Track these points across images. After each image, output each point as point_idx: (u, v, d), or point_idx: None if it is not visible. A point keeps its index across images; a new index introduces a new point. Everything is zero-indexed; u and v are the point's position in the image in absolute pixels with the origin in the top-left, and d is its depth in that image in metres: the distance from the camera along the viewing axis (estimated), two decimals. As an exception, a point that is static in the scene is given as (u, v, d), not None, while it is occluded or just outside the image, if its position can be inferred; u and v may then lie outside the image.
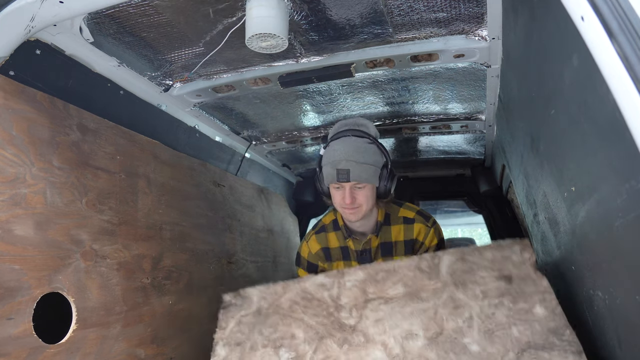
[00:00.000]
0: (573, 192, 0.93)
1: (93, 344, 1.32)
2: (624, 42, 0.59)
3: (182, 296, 1.77)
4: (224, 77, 1.69)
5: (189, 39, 1.41)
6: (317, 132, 2.37)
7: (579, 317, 1.15)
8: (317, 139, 2.43)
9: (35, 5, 1.08)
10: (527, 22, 0.99)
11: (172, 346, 1.67)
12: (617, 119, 0.59)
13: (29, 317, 1.14)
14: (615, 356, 0.92)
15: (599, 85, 0.62)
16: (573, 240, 1.07)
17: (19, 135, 1.19)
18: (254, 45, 1.25)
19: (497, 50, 1.40)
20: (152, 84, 1.68)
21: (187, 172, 1.94)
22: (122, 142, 1.56)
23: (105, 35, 1.36)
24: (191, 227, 1.90)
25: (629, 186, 0.63)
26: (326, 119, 2.21)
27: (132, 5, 1.22)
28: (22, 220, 1.16)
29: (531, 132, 1.26)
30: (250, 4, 1.20)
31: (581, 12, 0.64)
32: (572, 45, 0.70)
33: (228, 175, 2.33)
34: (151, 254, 1.62)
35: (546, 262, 1.76)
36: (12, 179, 1.15)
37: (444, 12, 1.29)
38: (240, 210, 2.39)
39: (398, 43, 1.46)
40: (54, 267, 1.23)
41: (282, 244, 2.88)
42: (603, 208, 0.77)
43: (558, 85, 0.84)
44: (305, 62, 1.57)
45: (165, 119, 1.87)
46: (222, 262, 2.12)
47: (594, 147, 0.74)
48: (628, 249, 0.71)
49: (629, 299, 0.77)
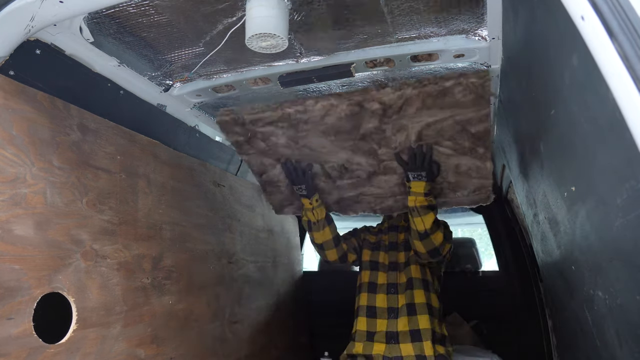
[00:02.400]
0: (573, 192, 0.93)
1: (93, 344, 1.32)
2: (624, 42, 0.59)
3: (182, 296, 1.77)
4: (224, 77, 1.69)
5: (189, 39, 1.41)
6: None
7: (579, 317, 1.15)
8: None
9: (35, 5, 1.08)
10: (527, 22, 0.99)
11: (172, 346, 1.67)
12: (617, 119, 0.59)
13: (29, 317, 1.14)
14: (615, 356, 0.92)
15: (599, 85, 0.62)
16: (573, 240, 1.07)
17: (19, 135, 1.19)
18: (254, 45, 1.25)
19: (497, 50, 1.40)
20: (152, 84, 1.68)
21: (187, 172, 1.94)
22: (122, 142, 1.56)
23: (105, 35, 1.36)
24: (191, 227, 1.90)
25: (629, 186, 0.63)
26: (326, 119, 2.20)
27: (132, 5, 1.22)
28: (22, 220, 1.16)
29: (531, 132, 1.26)
30: (250, 4, 1.20)
31: (581, 11, 0.64)
32: (572, 45, 0.70)
33: (228, 175, 2.33)
34: (151, 254, 1.62)
35: (546, 262, 1.76)
36: (12, 178, 1.15)
37: (444, 12, 1.29)
38: (240, 210, 2.39)
39: (398, 43, 1.46)
40: (54, 267, 1.23)
41: (282, 244, 2.88)
42: (603, 208, 0.77)
43: (558, 85, 0.84)
44: (305, 62, 1.57)
45: (165, 119, 1.87)
46: (222, 262, 2.12)
47: (594, 147, 0.74)
48: (628, 249, 0.71)
49: (629, 299, 0.77)
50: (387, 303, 1.97)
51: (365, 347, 1.92)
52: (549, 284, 1.90)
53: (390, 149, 1.74)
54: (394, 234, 2.17)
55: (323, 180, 1.99)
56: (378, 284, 2.03)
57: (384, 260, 2.08)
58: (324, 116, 1.63)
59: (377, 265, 2.08)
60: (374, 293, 2.02)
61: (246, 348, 2.22)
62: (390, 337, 1.90)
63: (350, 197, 2.05)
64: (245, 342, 2.23)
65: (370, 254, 2.12)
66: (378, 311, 1.97)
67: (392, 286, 2.00)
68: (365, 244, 2.18)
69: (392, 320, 1.93)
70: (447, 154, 1.71)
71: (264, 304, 2.50)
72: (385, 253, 2.10)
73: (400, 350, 1.86)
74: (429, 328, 1.87)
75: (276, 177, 2.05)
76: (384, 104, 1.54)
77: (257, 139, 1.81)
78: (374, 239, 2.21)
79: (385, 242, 2.15)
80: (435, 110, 1.54)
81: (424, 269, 2.02)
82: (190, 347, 1.77)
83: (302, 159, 1.90)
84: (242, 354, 2.18)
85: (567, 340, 1.71)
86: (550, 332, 2.31)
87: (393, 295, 1.98)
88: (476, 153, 1.67)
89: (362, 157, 1.81)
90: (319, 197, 1.99)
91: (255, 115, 1.67)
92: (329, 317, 3.02)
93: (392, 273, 2.04)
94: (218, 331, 1.99)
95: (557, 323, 2.03)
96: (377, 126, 1.64)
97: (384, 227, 2.25)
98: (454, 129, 1.60)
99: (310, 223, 2.02)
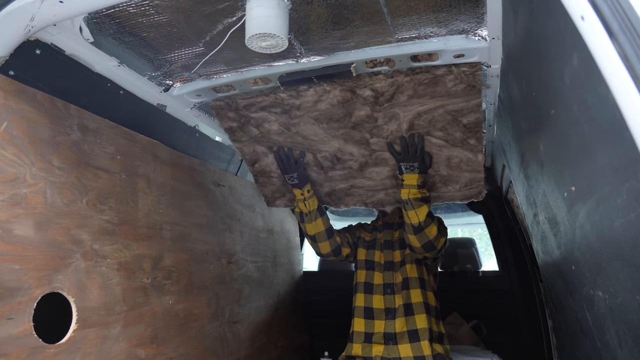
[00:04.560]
0: (573, 192, 0.93)
1: (93, 344, 1.32)
2: (624, 42, 0.59)
3: (182, 296, 1.77)
4: (224, 77, 1.69)
5: (189, 39, 1.41)
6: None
7: (579, 317, 1.16)
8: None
9: (35, 5, 1.08)
10: (527, 22, 0.99)
11: (172, 346, 1.67)
12: (617, 119, 0.59)
13: (29, 317, 1.14)
14: (615, 356, 0.92)
15: (599, 85, 0.62)
16: (573, 240, 1.07)
17: (19, 135, 1.19)
18: (254, 45, 1.25)
19: (497, 50, 1.40)
20: (152, 84, 1.68)
21: (187, 172, 1.94)
22: (122, 142, 1.56)
23: (105, 35, 1.36)
24: (191, 227, 1.90)
25: (629, 186, 0.63)
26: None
27: (132, 5, 1.21)
28: (22, 220, 1.16)
29: (531, 131, 1.26)
30: (250, 4, 1.20)
31: (581, 11, 0.64)
32: (572, 45, 0.70)
33: (228, 175, 2.33)
34: (151, 254, 1.62)
35: (546, 262, 1.76)
36: (12, 178, 1.15)
37: (444, 12, 1.29)
38: (240, 210, 2.39)
39: (398, 43, 1.46)
40: (54, 267, 1.23)
41: (282, 244, 2.88)
42: (603, 208, 0.77)
43: (558, 85, 0.84)
44: (305, 62, 1.57)
45: (165, 119, 1.87)
46: (222, 262, 2.12)
47: (594, 147, 0.74)
48: (628, 249, 0.71)
49: (629, 299, 0.77)
50: (384, 304, 1.98)
51: (364, 348, 1.92)
52: (549, 284, 1.90)
53: (382, 138, 1.76)
54: (388, 231, 2.17)
55: (315, 171, 2.01)
56: (374, 284, 2.03)
57: (379, 259, 2.09)
58: (317, 102, 1.67)
59: (373, 265, 2.08)
60: (371, 294, 2.02)
61: (246, 348, 2.22)
62: (388, 338, 1.90)
63: (341, 189, 2.07)
64: (245, 342, 2.23)
65: (366, 253, 2.13)
66: (375, 312, 1.98)
67: (388, 286, 2.00)
68: (361, 243, 2.19)
69: (389, 321, 1.93)
70: (438, 145, 1.74)
71: (264, 304, 2.50)
72: (380, 252, 2.11)
73: (398, 351, 1.86)
74: (427, 327, 1.87)
75: (268, 167, 2.08)
76: (376, 90, 1.57)
77: (251, 125, 1.85)
78: (369, 237, 2.21)
79: (380, 241, 2.15)
80: (426, 99, 1.57)
81: (421, 268, 2.02)
82: (190, 347, 1.77)
83: (295, 147, 1.91)
84: (242, 354, 2.18)
85: (567, 340, 1.71)
86: (550, 332, 2.31)
87: (390, 295, 1.98)
88: (468, 145, 1.70)
89: (354, 147, 1.84)
90: (310, 188, 1.99)
91: (249, 100, 1.71)
92: (329, 317, 3.02)
93: (388, 273, 2.04)
94: (218, 331, 2.00)
95: (557, 323, 2.03)
96: (369, 114, 1.68)
97: (378, 224, 2.25)
98: (445, 119, 1.63)
99: (302, 214, 2.03)
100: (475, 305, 2.85)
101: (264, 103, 1.73)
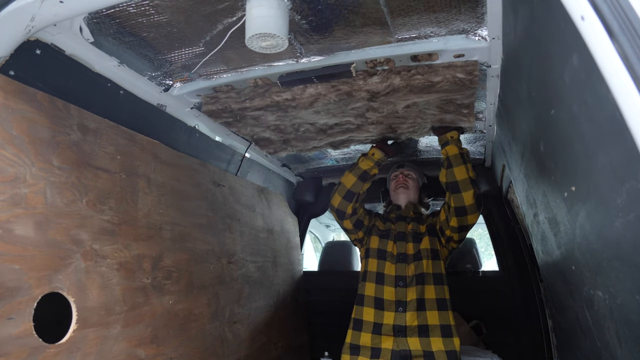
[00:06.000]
0: (573, 192, 0.93)
1: (93, 344, 1.32)
2: (624, 42, 0.59)
3: (182, 296, 1.77)
4: (224, 77, 1.69)
5: (189, 39, 1.41)
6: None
7: (579, 317, 1.16)
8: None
9: (35, 5, 1.08)
10: (527, 22, 0.99)
11: (172, 346, 1.67)
12: (617, 119, 0.59)
13: (29, 317, 1.14)
14: (615, 356, 0.92)
15: (599, 85, 0.62)
16: (573, 240, 1.07)
17: (19, 135, 1.19)
18: (254, 45, 1.25)
19: (497, 50, 1.40)
20: (152, 84, 1.68)
21: (187, 172, 1.94)
22: (122, 142, 1.56)
23: (105, 35, 1.36)
24: (191, 227, 1.90)
25: (629, 186, 0.63)
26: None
27: (132, 5, 1.22)
28: (22, 220, 1.16)
29: (531, 132, 1.26)
30: (250, 4, 1.20)
31: (581, 11, 0.64)
32: (572, 45, 0.70)
33: (228, 175, 2.33)
34: (151, 254, 1.62)
35: (546, 262, 1.76)
36: (12, 178, 1.15)
37: (443, 12, 1.29)
38: (240, 210, 2.39)
39: (398, 43, 1.46)
40: (54, 267, 1.23)
41: (282, 244, 2.88)
42: (603, 208, 0.77)
43: (558, 85, 0.84)
44: (305, 62, 1.57)
45: (165, 119, 1.87)
46: (222, 262, 2.12)
47: (594, 147, 0.74)
48: (628, 249, 0.71)
49: (629, 299, 0.77)
50: (395, 296, 1.98)
51: (374, 339, 1.92)
52: (549, 284, 1.90)
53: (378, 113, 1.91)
54: (402, 223, 2.19)
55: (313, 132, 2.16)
56: (385, 275, 2.03)
57: (392, 250, 2.09)
58: (313, 102, 1.77)
59: (385, 255, 2.09)
60: (382, 284, 2.02)
61: (246, 348, 2.22)
62: (398, 331, 1.91)
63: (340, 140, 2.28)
64: (245, 342, 2.23)
65: (379, 242, 2.13)
66: (386, 303, 1.98)
67: (400, 279, 2.01)
68: (375, 230, 2.20)
69: (399, 314, 1.94)
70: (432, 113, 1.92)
71: (264, 304, 2.50)
72: (393, 243, 2.11)
73: (408, 344, 1.87)
74: (438, 324, 1.88)
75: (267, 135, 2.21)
76: (372, 92, 1.68)
77: (247, 118, 1.96)
78: (382, 226, 2.22)
79: (394, 232, 2.16)
80: (423, 94, 1.69)
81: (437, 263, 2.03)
82: (190, 347, 1.77)
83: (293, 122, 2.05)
84: (242, 354, 2.18)
85: (567, 340, 1.71)
86: (550, 332, 2.31)
87: (401, 288, 1.99)
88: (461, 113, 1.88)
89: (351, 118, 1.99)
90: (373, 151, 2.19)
91: (243, 104, 1.78)
92: (329, 317, 3.02)
93: (401, 265, 2.04)
94: (218, 331, 2.00)
95: (557, 323, 2.03)
96: (366, 104, 1.80)
97: (391, 216, 2.26)
98: (440, 102, 1.79)
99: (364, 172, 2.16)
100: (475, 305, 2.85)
101: (259, 106, 1.80)
